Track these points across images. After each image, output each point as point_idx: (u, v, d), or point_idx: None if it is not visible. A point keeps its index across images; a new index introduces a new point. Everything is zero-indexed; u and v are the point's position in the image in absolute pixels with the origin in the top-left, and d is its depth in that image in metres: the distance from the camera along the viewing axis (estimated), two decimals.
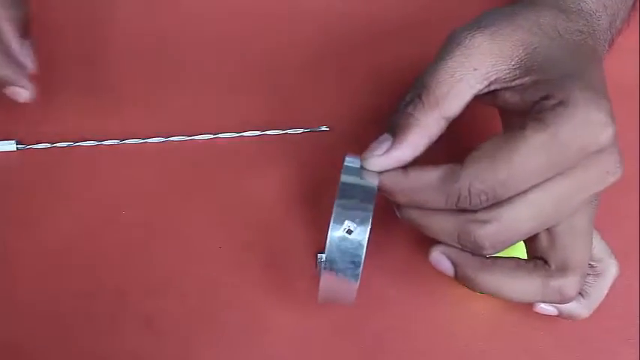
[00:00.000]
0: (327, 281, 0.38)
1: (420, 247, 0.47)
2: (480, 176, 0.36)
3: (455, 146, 0.39)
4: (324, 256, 0.46)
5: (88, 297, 0.46)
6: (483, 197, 0.36)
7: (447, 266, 0.39)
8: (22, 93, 0.46)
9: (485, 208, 0.37)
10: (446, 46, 0.39)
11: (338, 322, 0.45)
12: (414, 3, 0.53)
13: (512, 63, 0.38)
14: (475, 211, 0.37)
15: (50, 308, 0.45)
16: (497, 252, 0.38)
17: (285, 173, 0.49)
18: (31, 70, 0.46)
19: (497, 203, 0.36)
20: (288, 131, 0.50)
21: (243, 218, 0.47)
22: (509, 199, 0.36)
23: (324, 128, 0.50)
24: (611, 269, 0.43)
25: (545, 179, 0.36)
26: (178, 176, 0.50)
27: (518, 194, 0.36)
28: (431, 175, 0.37)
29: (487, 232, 0.37)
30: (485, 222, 0.37)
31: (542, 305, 0.42)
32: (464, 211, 0.37)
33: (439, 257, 0.39)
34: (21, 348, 0.44)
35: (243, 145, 0.50)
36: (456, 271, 0.39)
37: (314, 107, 0.50)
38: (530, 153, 0.35)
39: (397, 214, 0.40)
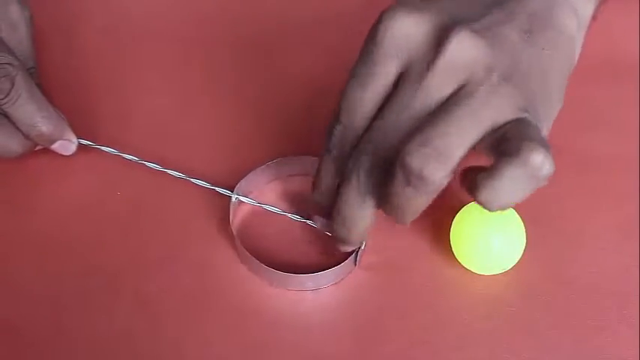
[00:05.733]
0: None
1: (419, 222, 0.47)
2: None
3: None
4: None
5: (81, 276, 0.46)
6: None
7: None
8: (70, 146, 0.48)
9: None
10: None
11: (335, 301, 0.45)
12: None
13: None
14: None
15: (44, 287, 0.45)
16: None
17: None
18: None
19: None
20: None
21: None
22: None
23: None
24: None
25: None
26: (173, 156, 0.50)
27: None
28: None
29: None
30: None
31: None
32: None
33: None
34: (14, 327, 0.44)
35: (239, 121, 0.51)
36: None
37: None
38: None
39: None
